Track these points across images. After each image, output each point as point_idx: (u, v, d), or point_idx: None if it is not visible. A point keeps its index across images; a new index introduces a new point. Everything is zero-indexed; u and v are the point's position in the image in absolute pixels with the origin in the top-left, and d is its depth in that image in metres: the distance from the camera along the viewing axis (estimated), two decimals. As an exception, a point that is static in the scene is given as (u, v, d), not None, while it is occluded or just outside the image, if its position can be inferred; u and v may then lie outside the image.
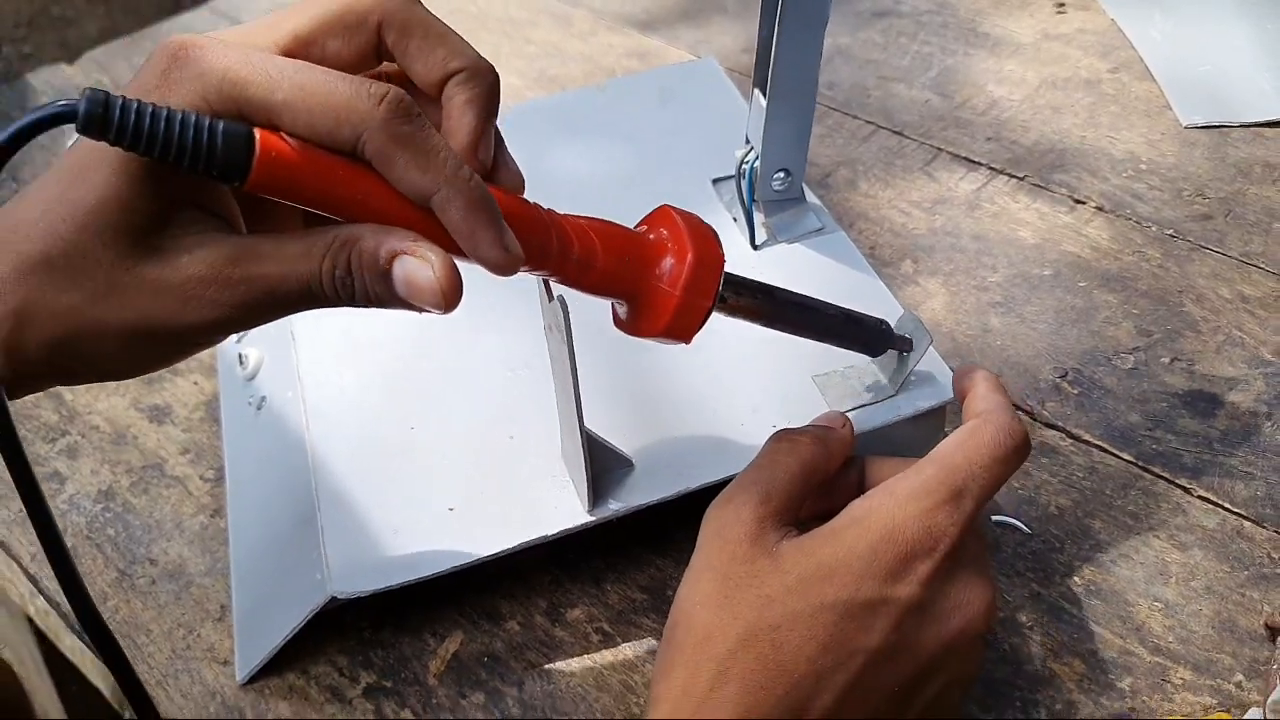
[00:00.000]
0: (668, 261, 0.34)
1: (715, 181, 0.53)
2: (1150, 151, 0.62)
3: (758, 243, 0.50)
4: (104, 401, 0.51)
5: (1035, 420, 0.48)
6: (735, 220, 0.51)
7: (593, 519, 0.39)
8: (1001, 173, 0.62)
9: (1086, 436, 0.47)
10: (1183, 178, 0.60)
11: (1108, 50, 0.71)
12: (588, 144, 0.57)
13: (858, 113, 0.67)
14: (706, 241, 0.34)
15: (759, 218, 0.51)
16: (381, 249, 0.29)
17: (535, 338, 0.40)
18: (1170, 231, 0.57)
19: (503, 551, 0.38)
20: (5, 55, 0.73)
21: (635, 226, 0.36)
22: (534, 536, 0.38)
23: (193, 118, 0.27)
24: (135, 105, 0.26)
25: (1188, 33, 0.71)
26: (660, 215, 0.35)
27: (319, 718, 0.39)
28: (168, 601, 0.43)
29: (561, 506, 0.39)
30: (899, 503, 0.33)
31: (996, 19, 0.75)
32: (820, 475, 0.36)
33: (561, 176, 0.55)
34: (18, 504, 0.47)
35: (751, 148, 0.50)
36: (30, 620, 0.79)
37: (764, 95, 0.47)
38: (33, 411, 0.51)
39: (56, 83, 0.74)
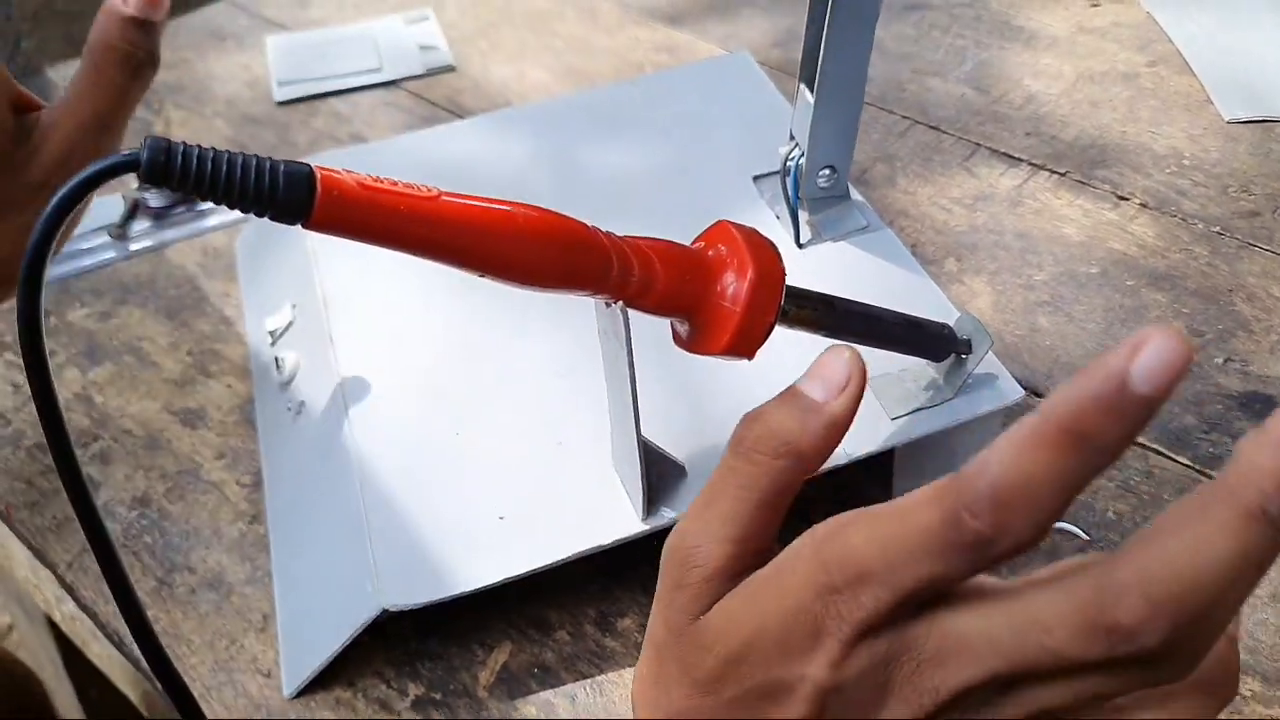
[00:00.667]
0: (729, 279, 0.33)
1: (757, 178, 0.52)
2: (1193, 147, 0.61)
3: (802, 241, 0.49)
4: (135, 405, 0.50)
5: (1088, 423, 0.47)
6: (779, 218, 0.50)
7: (647, 527, 0.38)
8: (1042, 168, 0.61)
9: (1142, 440, 0.46)
10: (1228, 174, 0.59)
11: (1144, 44, 0.70)
12: (624, 141, 0.56)
13: (893, 107, 0.66)
14: (767, 257, 0.34)
15: (804, 215, 0.50)
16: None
17: (582, 341, 0.39)
18: (1217, 229, 0.56)
19: (558, 561, 0.37)
20: (24, 50, 0.72)
21: (693, 243, 0.35)
22: (589, 546, 0.38)
23: (253, 161, 0.27)
24: (196, 151, 0.27)
25: (1226, 26, 0.70)
26: (718, 231, 0.34)
27: (367, 730, 0.38)
28: (208, 611, 0.42)
29: (615, 515, 0.38)
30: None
31: (1030, 12, 0.74)
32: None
33: (598, 174, 0.54)
34: (52, 510, 0.46)
35: (796, 144, 0.49)
36: (53, 626, 0.79)
37: (810, 92, 0.46)
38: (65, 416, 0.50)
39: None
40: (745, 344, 0.33)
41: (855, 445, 0.40)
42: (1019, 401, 0.41)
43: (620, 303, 0.34)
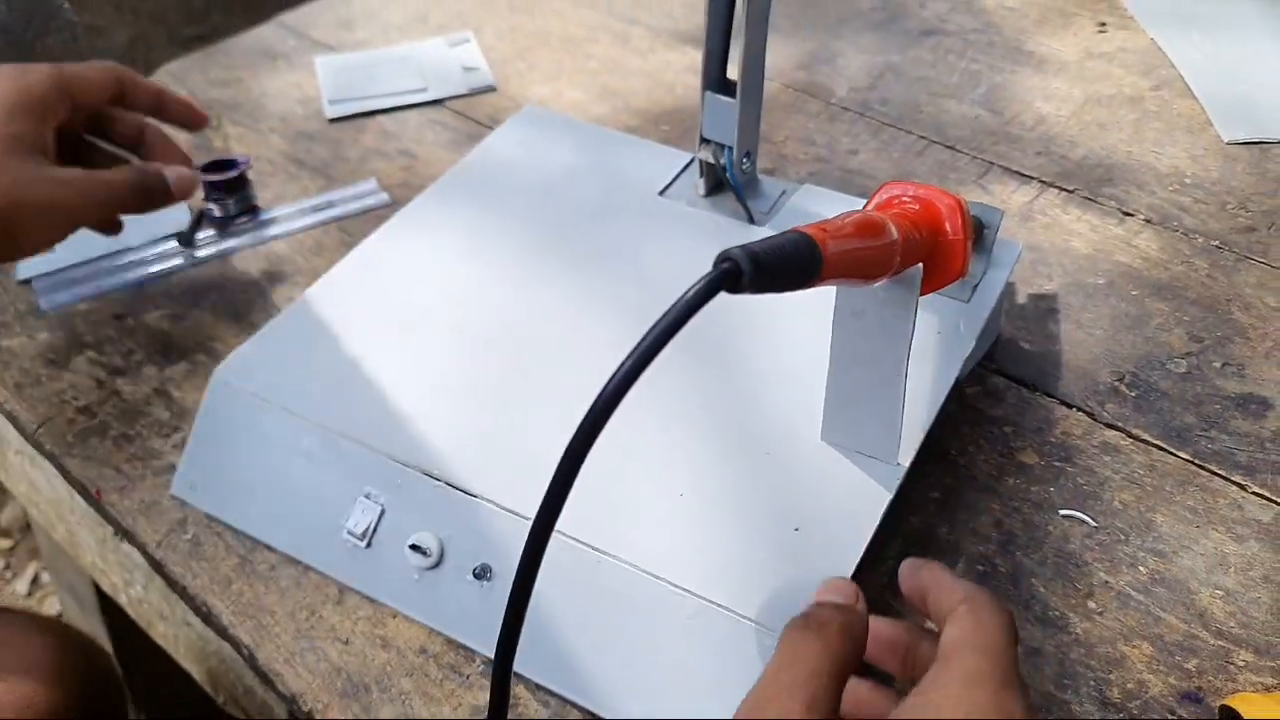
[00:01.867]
0: (946, 220, 0.39)
1: (661, 192, 0.57)
2: (1194, 166, 0.65)
3: (756, 220, 0.54)
4: (211, 399, 0.54)
5: (1096, 420, 0.51)
6: (699, 208, 0.56)
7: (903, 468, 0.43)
8: (1052, 185, 0.64)
9: (1145, 436, 0.50)
10: (1226, 192, 0.63)
11: (1149, 69, 0.74)
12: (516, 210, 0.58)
13: (911, 128, 0.70)
14: (943, 192, 0.40)
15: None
16: (153, 168, 0.53)
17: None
18: (1216, 243, 0.60)
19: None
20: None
21: (878, 204, 0.40)
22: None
23: (790, 246, 0.32)
24: (765, 255, 0.31)
25: (1226, 52, 0.74)
26: (893, 186, 0.41)
27: (439, 694, 0.42)
28: (288, 586, 0.46)
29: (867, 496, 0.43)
30: (962, 692, 0.29)
31: (1040, 38, 0.78)
32: (852, 667, 0.32)
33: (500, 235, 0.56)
34: (140, 494, 0.50)
35: (712, 143, 0.54)
36: (106, 613, 0.82)
37: (723, 96, 0.53)
38: (145, 409, 0.53)
39: (136, 95, 0.77)
40: (966, 264, 0.40)
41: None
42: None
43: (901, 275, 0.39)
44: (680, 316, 0.29)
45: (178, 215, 0.65)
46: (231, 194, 0.63)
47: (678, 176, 0.58)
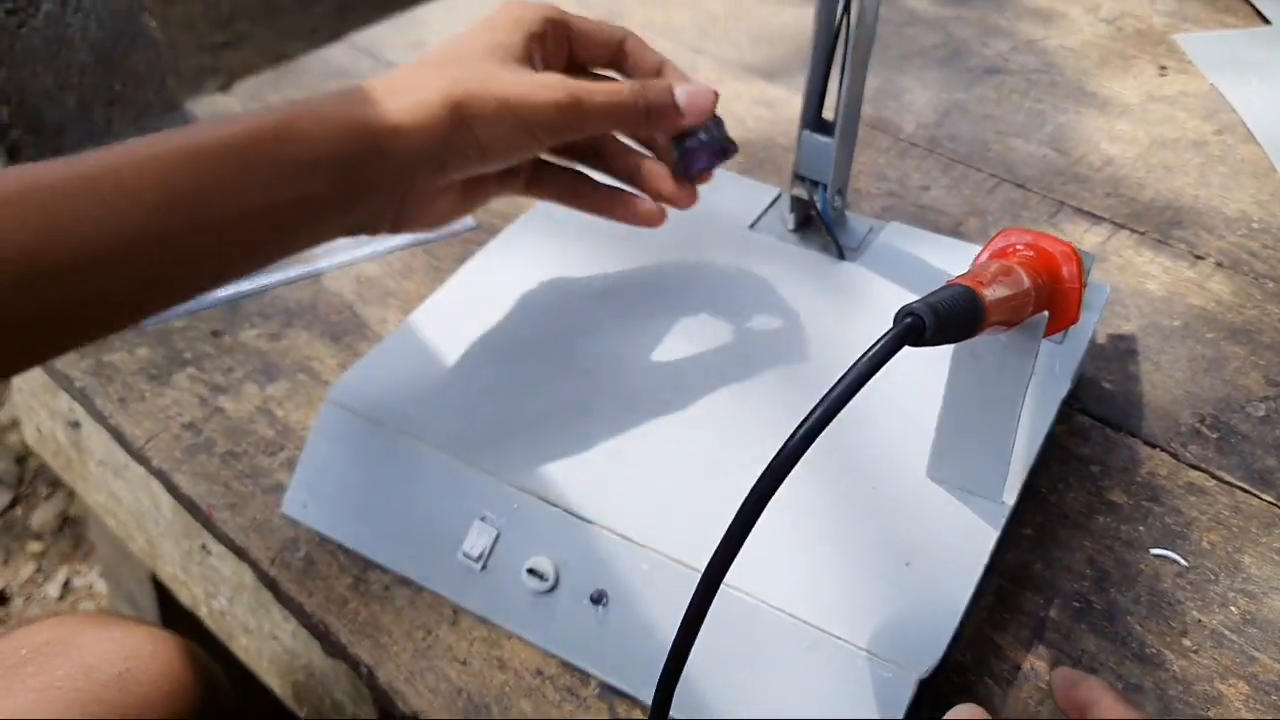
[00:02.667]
0: (1063, 266, 0.40)
1: (751, 225, 0.58)
2: (1260, 211, 0.67)
3: (846, 256, 0.55)
4: (314, 419, 0.55)
5: (1180, 461, 0.52)
6: (789, 243, 0.57)
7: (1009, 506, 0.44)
8: (1124, 227, 0.66)
9: (1228, 478, 0.51)
10: (1294, 237, 0.65)
11: (1210, 113, 0.75)
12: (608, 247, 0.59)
13: (980, 165, 0.72)
14: (1056, 240, 0.41)
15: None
16: (665, 84, 0.46)
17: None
18: (1287, 288, 0.61)
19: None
20: (170, 86, 0.77)
21: (995, 252, 0.41)
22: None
23: (960, 300, 0.33)
24: (943, 308, 0.32)
25: (1286, 99, 0.76)
26: (1009, 234, 0.42)
27: (558, 717, 0.43)
28: (403, 606, 0.47)
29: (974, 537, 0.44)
30: None
31: (1102, 79, 0.79)
32: None
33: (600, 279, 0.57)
34: (251, 511, 0.51)
35: (807, 180, 0.56)
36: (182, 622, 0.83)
37: (820, 135, 0.54)
38: (249, 427, 0.55)
39: (215, 110, 0.79)
40: (1079, 311, 0.41)
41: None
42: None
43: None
44: (866, 371, 0.30)
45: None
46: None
47: (766, 211, 0.59)
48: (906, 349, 0.32)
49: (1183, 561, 0.48)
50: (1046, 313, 0.40)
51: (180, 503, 0.53)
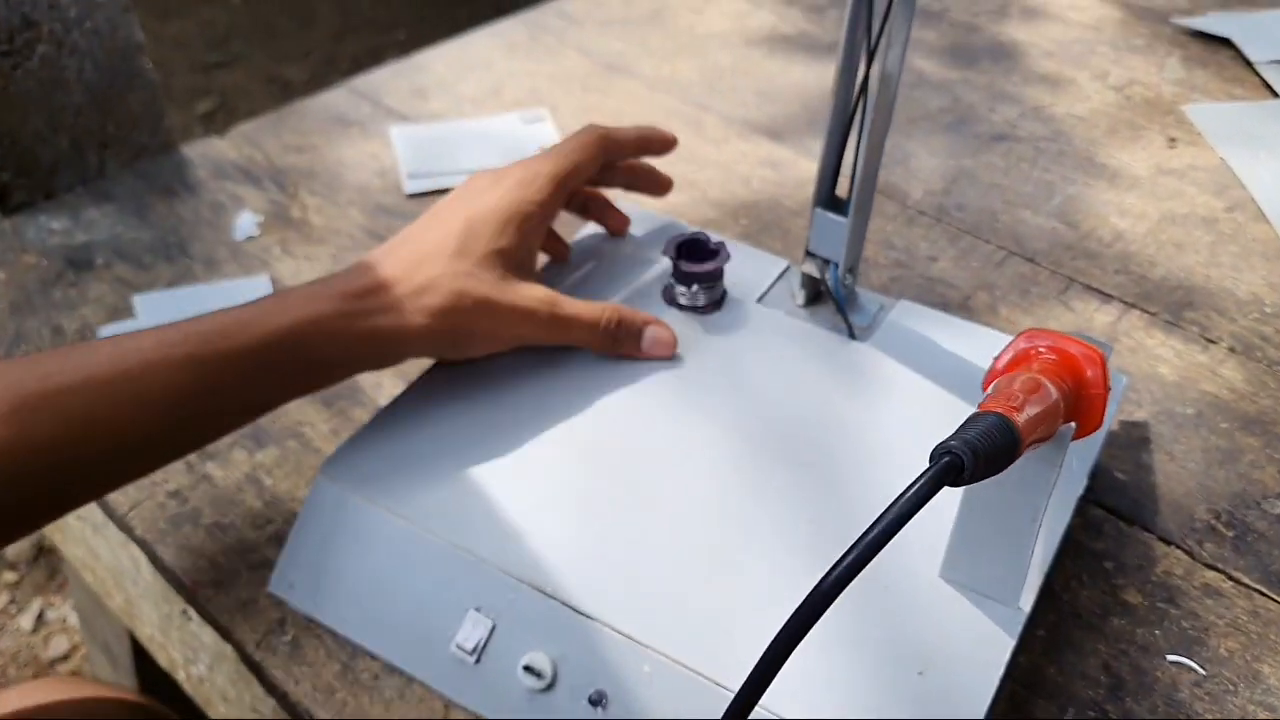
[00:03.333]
0: (1088, 371, 0.39)
1: (759, 299, 0.57)
2: (1273, 295, 0.66)
3: (857, 336, 0.54)
4: (304, 490, 0.53)
5: (1196, 560, 0.51)
6: (798, 319, 0.56)
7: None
8: (1134, 307, 0.65)
9: (1246, 580, 0.50)
10: (1307, 323, 0.64)
11: (1220, 189, 0.75)
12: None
13: (989, 237, 0.71)
14: (1079, 341, 0.40)
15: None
16: (639, 318, 0.52)
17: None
18: (1301, 377, 0.60)
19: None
20: (166, 128, 0.76)
21: (1008, 355, 0.40)
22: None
23: (997, 433, 0.32)
24: (982, 446, 0.31)
25: (1297, 177, 0.75)
26: (1031, 335, 0.40)
27: (553, 823, 0.41)
28: (392, 698, 0.45)
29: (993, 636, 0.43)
30: None
31: (1111, 150, 0.79)
32: None
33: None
34: (237, 591, 0.49)
35: (817, 258, 0.55)
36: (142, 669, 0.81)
37: (833, 213, 0.53)
38: (237, 497, 0.53)
39: (210, 155, 0.77)
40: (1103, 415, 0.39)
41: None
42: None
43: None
44: (903, 515, 0.29)
45: (259, 288, 0.64)
46: (707, 286, 0.55)
47: (774, 284, 0.58)
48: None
49: (1200, 670, 0.47)
50: (1074, 424, 0.39)
51: (163, 575, 0.51)
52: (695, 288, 0.55)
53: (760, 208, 0.73)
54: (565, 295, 0.51)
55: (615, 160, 0.56)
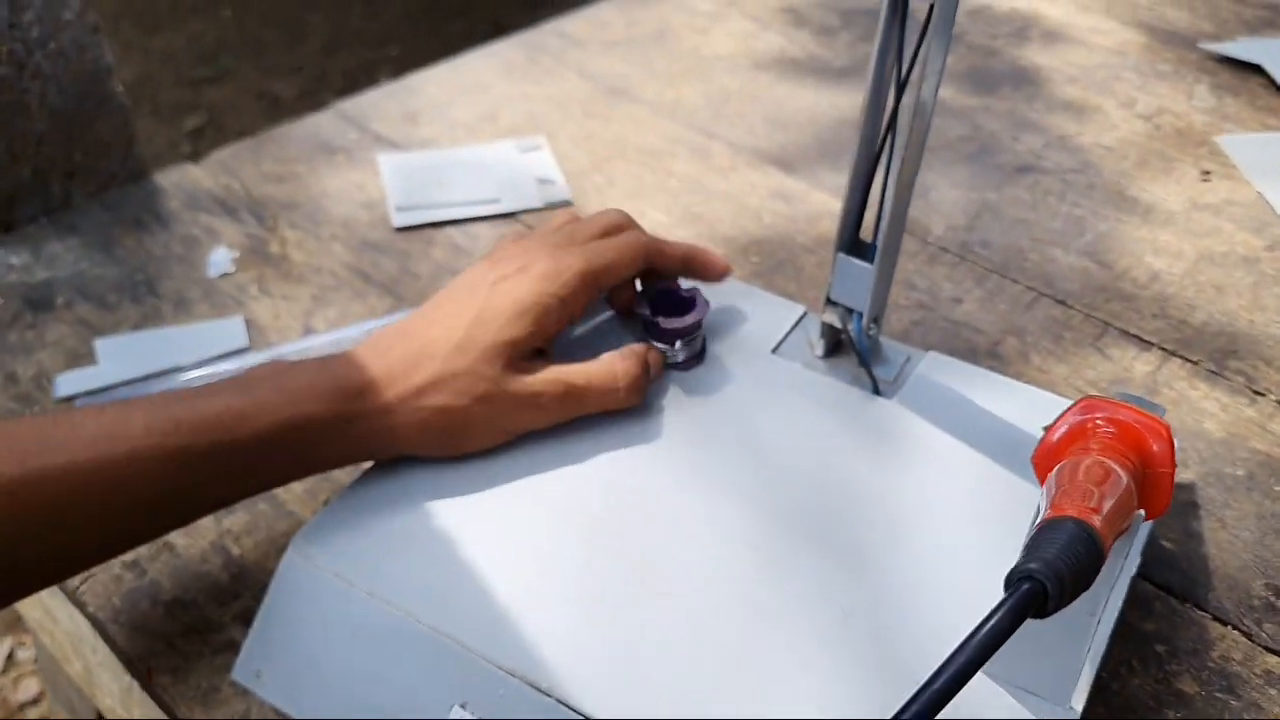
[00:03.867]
0: (1154, 446, 0.35)
1: (773, 350, 0.52)
2: (1323, 342, 0.61)
3: (882, 391, 0.50)
4: (274, 560, 0.48)
5: (1255, 643, 0.46)
6: (817, 372, 0.51)
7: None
8: (1175, 355, 0.60)
9: (1311, 665, 0.45)
10: (1361, 374, 0.59)
11: (1259, 226, 0.70)
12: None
13: (1017, 276, 0.66)
14: (1145, 414, 0.36)
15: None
16: (657, 357, 0.49)
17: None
18: (1358, 434, 0.56)
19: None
20: (136, 154, 0.71)
21: (1062, 427, 0.36)
22: None
23: (1083, 550, 0.28)
24: (1068, 570, 0.27)
25: (1341, 213, 0.71)
26: (1090, 405, 0.36)
27: None
28: (368, 806, 0.40)
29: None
30: None
31: (1142, 183, 0.74)
32: None
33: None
34: (196, 679, 0.44)
35: (839, 306, 0.50)
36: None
37: (857, 259, 0.49)
38: (200, 568, 0.48)
39: (184, 184, 0.72)
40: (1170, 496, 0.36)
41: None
42: None
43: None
44: (980, 655, 0.24)
45: (232, 331, 0.60)
46: (685, 341, 0.50)
47: (790, 333, 0.54)
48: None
49: (1268, 773, 0.42)
50: (1142, 512, 0.34)
51: (120, 659, 0.46)
52: (678, 344, 0.50)
53: (772, 244, 0.68)
54: (571, 364, 0.46)
55: (660, 269, 0.51)
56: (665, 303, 0.51)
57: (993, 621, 0.25)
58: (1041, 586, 0.26)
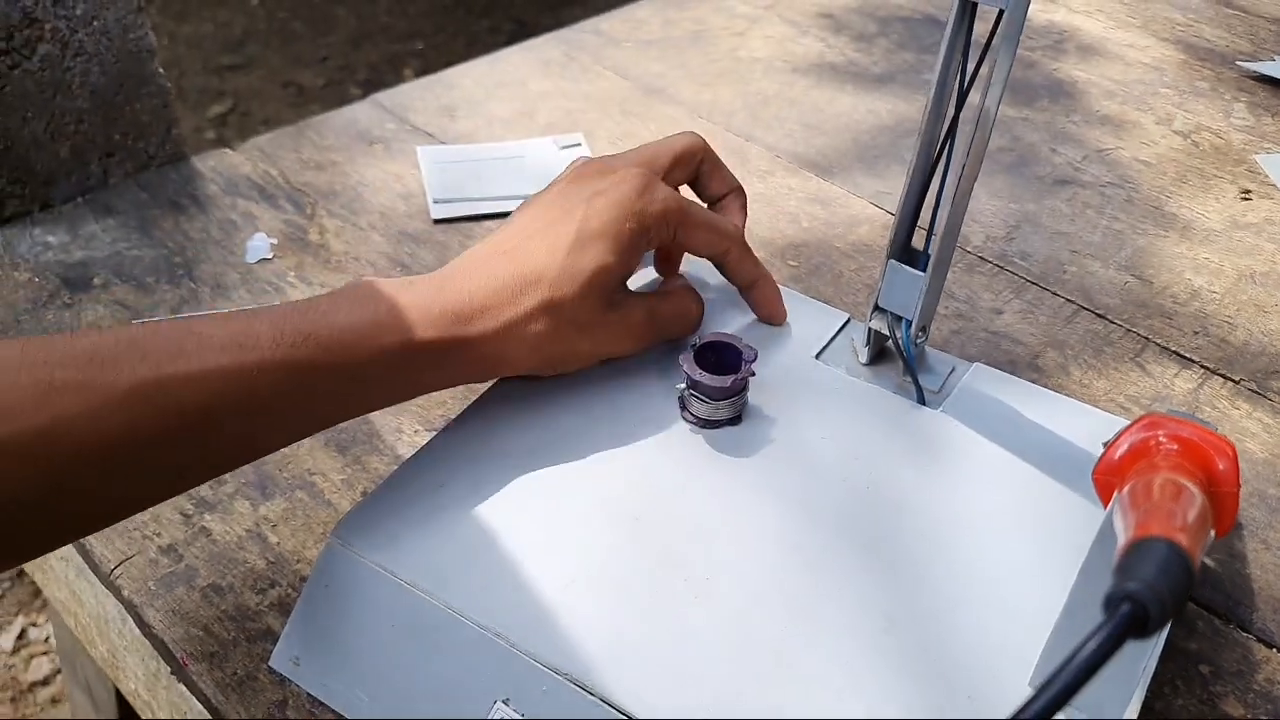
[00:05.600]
0: (1220, 465, 0.35)
1: (817, 355, 0.52)
2: (1365, 365, 0.61)
3: (927, 401, 0.49)
4: (312, 549, 0.48)
5: (1301, 667, 0.46)
6: (861, 379, 0.51)
7: None
8: (1215, 373, 0.60)
9: (1354, 688, 0.45)
10: (1404, 399, 0.59)
11: (1301, 246, 0.70)
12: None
13: (1056, 289, 0.66)
14: (1211, 433, 0.36)
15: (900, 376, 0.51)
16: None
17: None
18: (1402, 459, 0.55)
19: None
20: (174, 136, 0.71)
21: (1123, 444, 0.36)
22: None
23: (1178, 571, 0.27)
24: (1169, 592, 0.26)
25: (1384, 237, 0.70)
26: (1154, 422, 0.36)
27: None
28: (406, 800, 0.40)
29: None
30: None
31: (1181, 200, 0.74)
32: None
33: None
34: (233, 665, 0.44)
35: (886, 313, 0.50)
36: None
37: (908, 266, 0.49)
38: (238, 554, 0.48)
39: (222, 168, 0.72)
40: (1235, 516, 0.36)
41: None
42: None
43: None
44: (1086, 673, 0.24)
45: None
46: (724, 400, 0.47)
47: (833, 339, 0.53)
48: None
49: (1312, 797, 0.41)
50: (1212, 531, 0.34)
51: (154, 646, 0.46)
52: (720, 403, 0.47)
53: (810, 248, 0.68)
54: (648, 294, 0.50)
55: (719, 268, 0.52)
56: (711, 355, 0.48)
57: (1094, 643, 0.25)
58: (1143, 609, 0.25)
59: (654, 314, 0.48)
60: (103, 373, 0.36)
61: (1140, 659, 0.37)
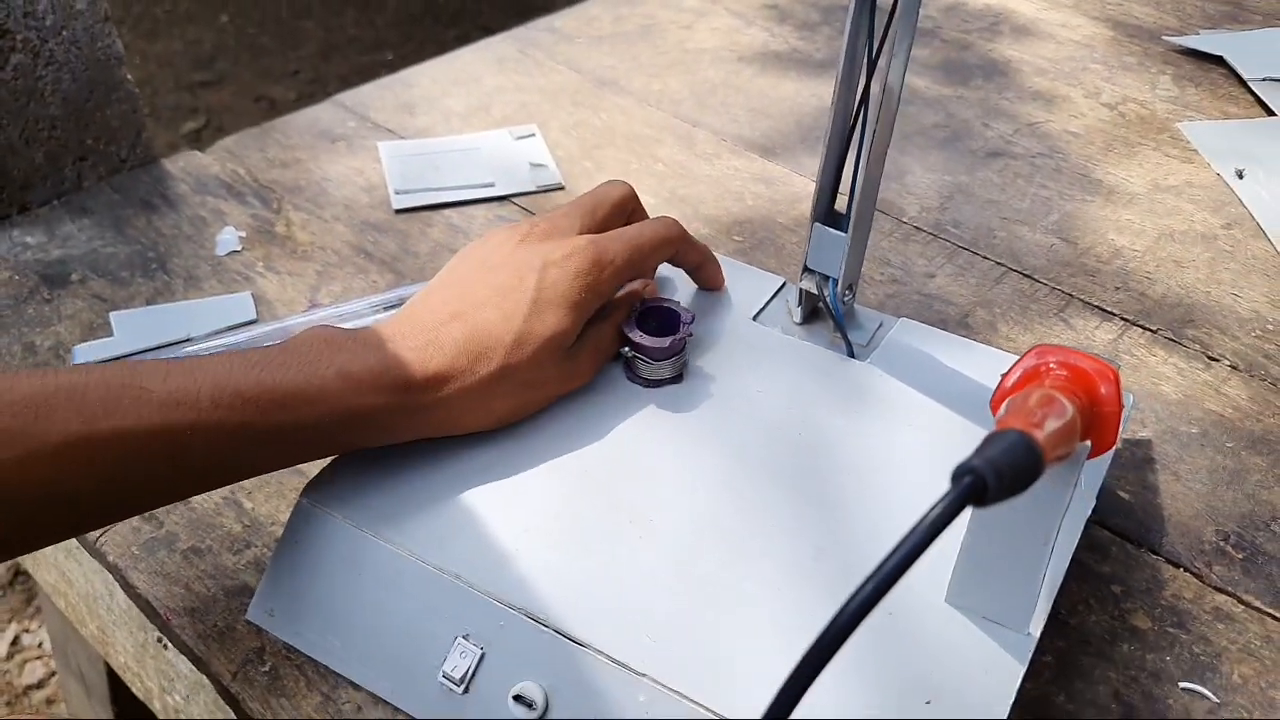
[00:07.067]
0: (1101, 387, 0.37)
1: (754, 317, 0.56)
2: (1275, 312, 0.65)
3: (855, 354, 0.53)
4: (285, 514, 0.51)
5: (1205, 583, 0.50)
6: (795, 336, 0.54)
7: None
8: (1134, 324, 0.64)
9: (1257, 603, 0.49)
10: (1310, 341, 0.63)
11: (1218, 205, 0.74)
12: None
13: (986, 253, 0.69)
14: (1091, 356, 0.38)
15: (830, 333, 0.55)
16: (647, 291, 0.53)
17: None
18: (1306, 395, 0.59)
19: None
20: (144, 140, 0.74)
21: (1016, 372, 0.38)
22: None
23: (1021, 453, 0.30)
24: (1006, 466, 0.29)
25: (1295, 194, 0.74)
26: (1044, 351, 0.39)
27: None
28: (376, 730, 0.43)
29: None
30: None
31: (1107, 166, 0.78)
32: None
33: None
34: (213, 618, 0.47)
35: (815, 274, 0.54)
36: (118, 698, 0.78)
37: (831, 229, 0.52)
38: (215, 520, 0.51)
39: (191, 169, 0.75)
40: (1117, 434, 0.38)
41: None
42: None
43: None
44: (928, 537, 0.27)
45: (241, 305, 0.63)
46: (665, 360, 0.51)
47: (769, 301, 0.57)
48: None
49: (1213, 698, 0.45)
50: (1089, 443, 0.37)
51: (136, 603, 0.49)
52: (662, 362, 0.51)
53: (754, 224, 0.71)
54: (595, 326, 0.50)
55: (681, 260, 0.55)
56: (651, 319, 0.52)
57: (937, 510, 0.28)
58: (982, 480, 0.29)
59: (600, 344, 0.50)
60: (36, 423, 0.36)
61: (1038, 570, 0.40)
